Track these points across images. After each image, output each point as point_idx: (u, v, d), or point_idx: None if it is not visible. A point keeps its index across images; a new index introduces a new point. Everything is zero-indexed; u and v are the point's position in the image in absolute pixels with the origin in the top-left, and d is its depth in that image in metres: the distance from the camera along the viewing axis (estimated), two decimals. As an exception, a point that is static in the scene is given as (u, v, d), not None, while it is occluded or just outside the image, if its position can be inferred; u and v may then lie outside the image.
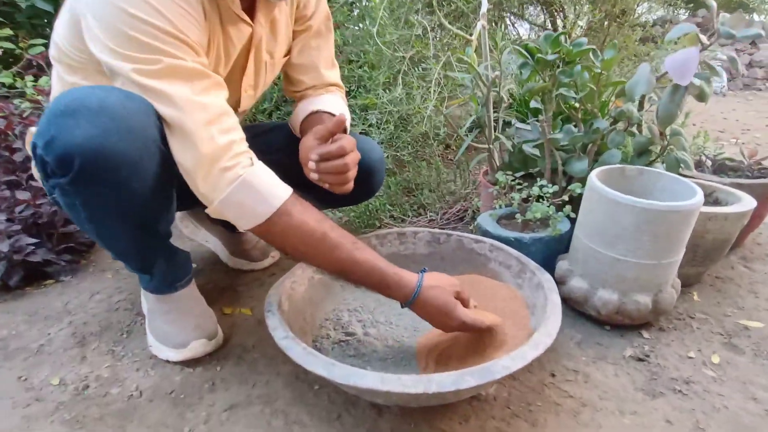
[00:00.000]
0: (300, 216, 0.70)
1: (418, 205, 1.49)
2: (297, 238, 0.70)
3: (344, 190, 0.78)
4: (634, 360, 0.84)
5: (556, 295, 0.77)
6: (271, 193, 0.70)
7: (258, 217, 0.69)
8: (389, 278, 0.72)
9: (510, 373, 0.60)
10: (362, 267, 0.71)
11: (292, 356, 0.65)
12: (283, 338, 0.68)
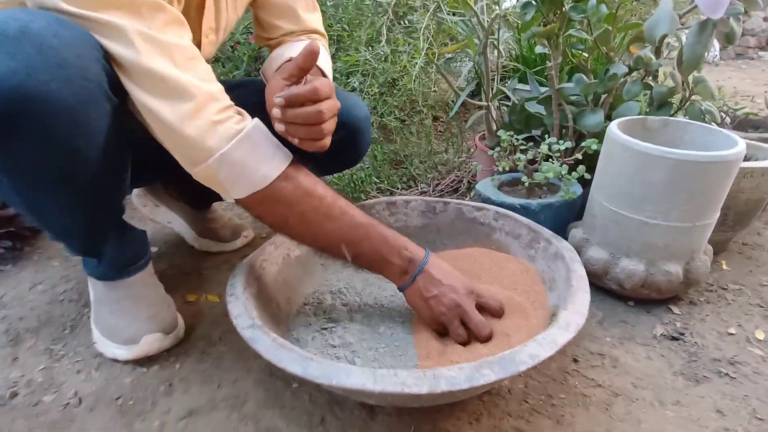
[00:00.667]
0: (307, 180, 0.60)
1: (408, 177, 1.35)
2: (306, 204, 0.60)
3: (318, 147, 0.62)
4: (667, 339, 0.72)
5: (580, 266, 0.65)
6: (276, 153, 0.59)
7: (260, 179, 0.57)
8: (401, 244, 0.63)
9: (539, 362, 0.47)
10: (378, 232, 0.63)
11: (258, 350, 0.51)
12: (248, 327, 0.54)
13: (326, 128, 0.60)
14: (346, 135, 0.84)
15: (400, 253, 0.63)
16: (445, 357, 0.64)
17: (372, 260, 0.63)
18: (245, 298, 0.60)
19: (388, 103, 1.37)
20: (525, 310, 0.68)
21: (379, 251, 0.62)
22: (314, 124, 0.59)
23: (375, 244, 0.62)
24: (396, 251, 0.63)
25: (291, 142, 0.61)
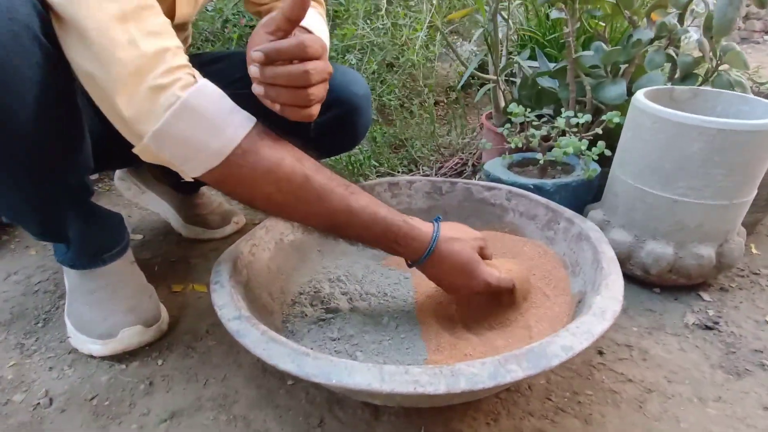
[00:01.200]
0: (271, 153, 0.49)
1: (409, 160, 1.28)
2: (270, 185, 0.49)
3: (304, 116, 0.51)
4: (700, 329, 0.66)
5: (609, 247, 0.58)
6: (228, 121, 0.47)
7: (212, 156, 0.47)
8: (397, 228, 0.54)
9: (573, 355, 0.40)
10: (360, 217, 0.52)
11: (245, 344, 0.44)
12: (234, 319, 0.47)
13: (314, 94, 0.50)
14: (343, 113, 0.76)
15: (391, 243, 0.54)
16: (458, 350, 0.57)
17: (361, 242, 0.56)
18: (231, 287, 0.52)
19: (387, 82, 1.29)
20: (545, 296, 0.61)
21: (365, 239, 0.54)
22: (299, 86, 0.49)
23: (356, 231, 0.53)
24: (387, 239, 0.54)
25: (272, 108, 0.52)
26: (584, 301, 0.54)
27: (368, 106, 0.80)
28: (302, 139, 0.73)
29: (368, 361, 0.56)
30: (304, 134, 0.74)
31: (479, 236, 0.59)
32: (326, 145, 0.79)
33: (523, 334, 0.56)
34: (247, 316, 0.47)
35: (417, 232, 0.55)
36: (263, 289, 0.63)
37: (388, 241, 0.54)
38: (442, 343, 0.59)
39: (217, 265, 0.58)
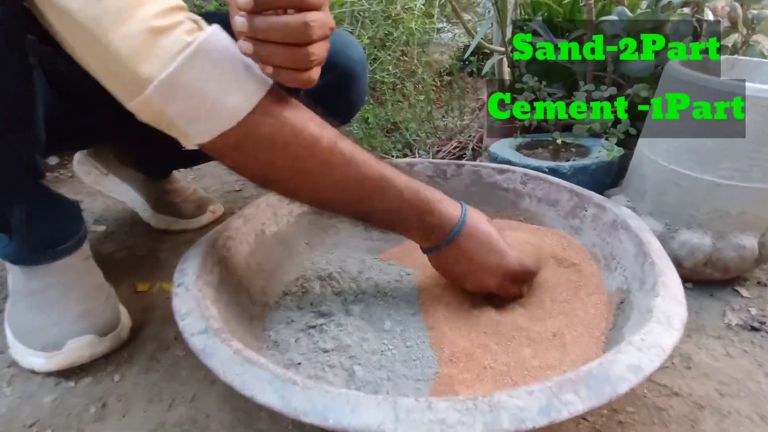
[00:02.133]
0: (295, 114, 0.43)
1: (403, 144, 1.18)
2: (297, 148, 0.43)
3: (303, 81, 0.42)
4: (745, 330, 0.58)
5: (653, 237, 0.49)
6: (248, 75, 0.40)
7: (228, 115, 0.40)
8: (431, 194, 0.50)
9: (644, 379, 0.31)
10: (395, 183, 0.47)
11: (213, 368, 0.34)
12: (199, 333, 0.37)
13: (314, 53, 0.40)
14: (336, 80, 0.66)
15: (423, 218, 0.49)
16: (476, 361, 0.48)
17: (385, 221, 0.50)
18: (199, 290, 0.42)
19: (380, 59, 1.18)
20: (576, 295, 0.52)
21: (395, 213, 0.48)
22: (298, 43, 0.39)
23: (389, 203, 0.48)
24: (418, 214, 0.49)
25: (263, 72, 0.42)
26: (629, 302, 0.45)
27: (364, 73, 0.70)
28: None
29: (369, 376, 0.46)
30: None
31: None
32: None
33: (554, 343, 0.47)
34: (216, 328, 0.36)
35: (448, 201, 0.51)
36: (240, 291, 0.53)
37: (421, 212, 0.48)
38: (456, 352, 0.49)
39: (182, 263, 0.47)
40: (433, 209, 0.49)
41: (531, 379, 0.44)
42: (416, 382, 0.47)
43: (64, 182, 1.10)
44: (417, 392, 0.46)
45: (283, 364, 0.47)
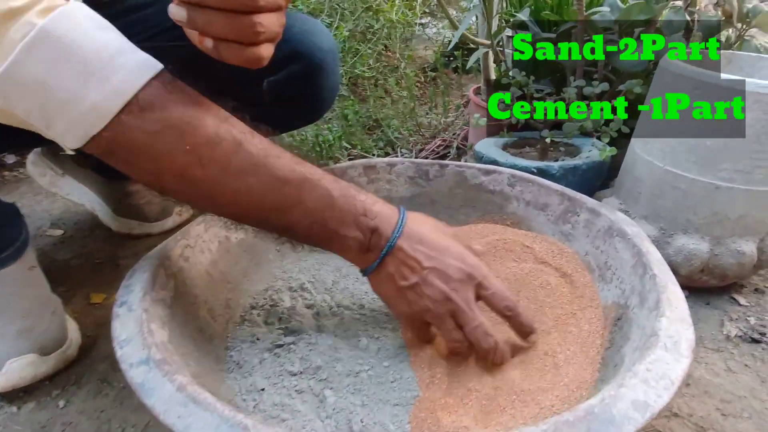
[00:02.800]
0: (184, 111, 0.35)
1: (385, 142, 1.13)
2: (185, 156, 0.35)
3: (248, 58, 0.35)
4: (746, 342, 0.55)
5: (652, 246, 0.45)
6: (117, 64, 0.32)
7: (91, 114, 0.32)
8: (364, 197, 0.42)
9: (653, 417, 0.27)
10: (318, 187, 0.40)
11: (151, 407, 0.29)
12: (139, 364, 0.31)
13: (263, 24, 0.34)
14: (303, 71, 0.60)
15: (358, 221, 0.40)
16: (459, 383, 0.43)
17: (312, 235, 0.41)
18: (144, 310, 0.37)
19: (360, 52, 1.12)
20: (568, 310, 0.48)
21: (322, 221, 0.40)
22: (242, 10, 0.33)
23: (315, 211, 0.40)
24: (350, 218, 0.40)
25: (200, 46, 0.36)
26: (628, 319, 0.41)
27: (335, 64, 0.65)
28: (252, 105, 0.57)
29: (341, 402, 0.41)
30: (254, 99, 0.58)
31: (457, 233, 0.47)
32: (283, 114, 0.64)
33: (545, 363, 0.43)
34: (158, 359, 0.31)
35: (382, 202, 0.43)
36: (200, 306, 0.47)
37: (355, 214, 0.40)
38: (438, 373, 0.45)
39: (129, 277, 0.42)
40: (368, 210, 0.41)
41: (520, 404, 0.40)
42: (394, 408, 0.42)
43: (23, 182, 1.02)
44: (394, 419, 0.41)
45: (245, 390, 0.42)
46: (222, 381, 0.42)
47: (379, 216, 0.41)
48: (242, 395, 0.41)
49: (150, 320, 0.36)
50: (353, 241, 0.41)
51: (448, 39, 1.57)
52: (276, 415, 0.40)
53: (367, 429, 0.40)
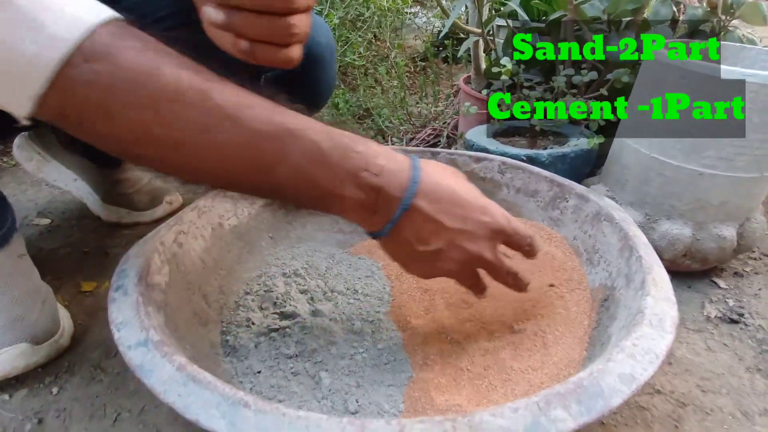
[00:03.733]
0: (138, 59, 0.30)
1: (376, 131, 1.13)
2: (142, 110, 0.30)
3: (281, 58, 0.37)
4: (725, 322, 0.57)
5: (639, 230, 0.46)
6: (57, 10, 0.28)
7: (32, 71, 0.28)
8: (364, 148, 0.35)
9: (638, 389, 0.28)
10: (304, 138, 0.33)
11: (151, 387, 0.29)
12: (138, 346, 0.31)
13: (297, 25, 0.35)
14: (301, 66, 0.61)
15: (357, 179, 0.34)
16: (452, 364, 0.45)
17: (302, 197, 0.35)
18: (140, 295, 0.37)
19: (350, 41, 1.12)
20: (556, 292, 0.49)
21: (312, 180, 0.33)
22: (278, 12, 0.33)
23: (300, 166, 0.33)
24: (346, 175, 0.34)
25: (230, 50, 0.36)
26: (614, 300, 0.42)
27: (332, 58, 0.65)
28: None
29: (337, 384, 0.42)
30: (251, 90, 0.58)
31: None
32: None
33: (535, 343, 0.44)
34: (156, 340, 0.31)
35: (389, 152, 0.36)
36: (194, 291, 0.47)
37: (353, 170, 0.34)
38: (431, 354, 0.46)
39: (123, 262, 0.42)
40: (371, 164, 0.34)
41: (511, 383, 0.41)
42: (388, 388, 0.43)
43: (6, 171, 1.00)
44: (389, 399, 0.42)
45: (241, 373, 0.42)
46: (218, 364, 0.42)
47: (385, 172, 0.35)
48: (239, 378, 0.42)
49: (146, 304, 0.36)
50: (353, 202, 0.35)
51: (438, 28, 1.57)
52: (272, 397, 0.40)
53: (363, 409, 0.41)
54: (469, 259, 0.39)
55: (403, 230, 0.37)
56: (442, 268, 0.39)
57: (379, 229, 0.37)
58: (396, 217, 0.36)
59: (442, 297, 0.53)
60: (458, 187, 0.38)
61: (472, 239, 0.38)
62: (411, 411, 0.41)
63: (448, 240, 0.37)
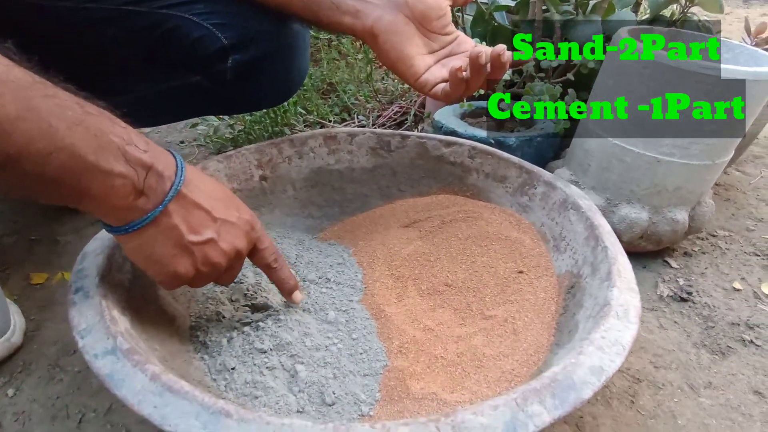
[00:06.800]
0: None
1: (341, 107, 1.10)
2: None
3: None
4: (675, 301, 0.61)
5: (603, 219, 0.48)
6: None
7: None
8: (122, 131, 0.31)
9: (608, 380, 0.30)
10: (42, 111, 0.27)
11: (124, 399, 0.28)
12: (106, 354, 0.30)
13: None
14: (271, 51, 0.57)
15: (125, 152, 0.30)
16: (426, 351, 0.46)
17: (53, 175, 0.28)
18: (103, 296, 0.35)
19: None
20: (524, 278, 0.51)
21: (70, 147, 0.27)
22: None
23: (49, 130, 0.27)
24: (111, 145, 0.29)
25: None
26: (581, 288, 0.44)
27: (305, 46, 0.62)
28: (214, 83, 0.54)
29: (313, 376, 0.42)
30: (216, 76, 0.55)
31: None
32: (248, 94, 0.61)
33: (505, 329, 0.46)
34: (126, 348, 0.30)
35: (143, 135, 0.33)
36: (160, 286, 0.45)
37: (116, 143, 0.29)
38: (406, 342, 0.47)
39: (81, 260, 0.39)
40: (133, 138, 0.31)
41: (484, 369, 0.43)
42: (364, 378, 0.44)
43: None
44: (365, 389, 0.42)
45: (215, 371, 0.41)
46: (190, 362, 0.41)
47: (152, 150, 0.32)
48: (212, 375, 0.41)
49: (110, 307, 0.34)
50: (121, 181, 0.30)
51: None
52: (248, 393, 0.40)
53: (340, 400, 0.41)
54: (233, 253, 0.37)
55: (172, 216, 0.33)
56: (208, 261, 0.36)
57: (141, 216, 0.32)
58: (168, 199, 0.32)
59: (414, 284, 0.53)
60: (211, 181, 0.38)
61: (234, 231, 0.37)
62: (387, 400, 0.42)
63: (217, 229, 0.36)
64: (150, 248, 0.34)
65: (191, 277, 0.36)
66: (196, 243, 0.35)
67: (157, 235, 0.33)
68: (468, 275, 0.53)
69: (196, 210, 0.34)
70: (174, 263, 0.34)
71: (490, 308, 0.49)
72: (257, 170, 0.61)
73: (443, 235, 0.58)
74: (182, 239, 0.34)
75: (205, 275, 0.37)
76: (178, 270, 0.35)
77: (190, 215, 0.34)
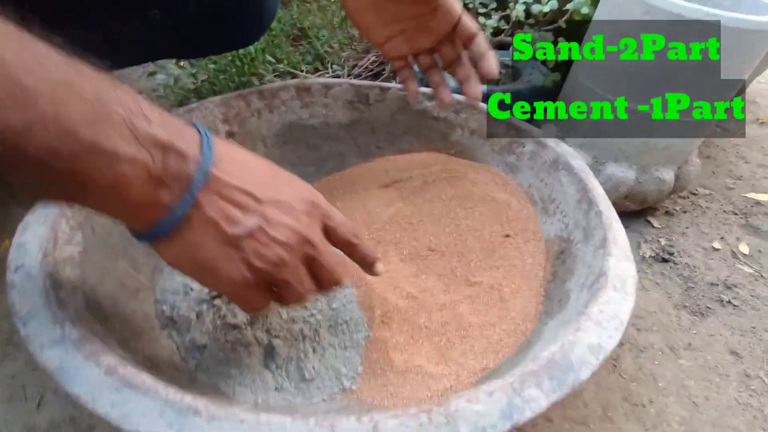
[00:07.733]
0: None
1: (314, 56, 1.02)
2: None
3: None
4: (657, 262, 0.60)
5: (595, 179, 0.46)
6: None
7: None
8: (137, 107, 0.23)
9: (606, 358, 0.28)
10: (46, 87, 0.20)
11: (77, 397, 0.25)
12: (51, 346, 0.26)
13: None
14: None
15: (134, 127, 0.23)
16: (410, 321, 0.44)
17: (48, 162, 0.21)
18: (47, 276, 0.31)
19: (282, -55, 0.96)
20: (511, 242, 0.49)
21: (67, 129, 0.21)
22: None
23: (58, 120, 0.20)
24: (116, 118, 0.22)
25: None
26: (571, 254, 0.42)
27: None
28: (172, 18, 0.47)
29: (291, 351, 0.40)
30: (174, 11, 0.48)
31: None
32: (212, 34, 0.54)
33: (492, 297, 0.44)
34: (76, 338, 0.26)
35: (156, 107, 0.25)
36: (119, 257, 0.41)
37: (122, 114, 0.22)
38: (388, 311, 0.45)
39: (21, 233, 0.34)
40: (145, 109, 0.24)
41: (470, 339, 0.41)
42: (345, 351, 0.42)
43: None
44: (347, 362, 0.41)
45: (183, 349, 0.38)
46: (156, 340, 0.38)
47: (166, 122, 0.25)
48: (181, 354, 0.38)
49: (57, 287, 0.30)
50: (130, 167, 0.23)
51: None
52: (222, 372, 0.37)
53: (320, 375, 0.39)
54: (293, 239, 0.28)
55: (205, 208, 0.26)
56: (264, 257, 0.27)
57: (165, 215, 0.25)
58: (196, 187, 0.25)
59: (395, 249, 0.51)
60: (251, 153, 0.30)
61: (289, 211, 0.28)
62: (370, 373, 0.40)
63: (264, 214, 0.27)
64: (191, 254, 0.27)
65: (255, 282, 0.28)
66: (238, 237, 0.26)
67: (193, 237, 0.26)
68: (452, 239, 0.51)
69: (234, 194, 0.27)
70: (223, 268, 0.27)
71: (476, 274, 0.47)
72: (223, 125, 0.56)
73: (426, 196, 0.55)
74: (224, 235, 0.26)
75: (275, 278, 0.28)
76: (231, 276, 0.27)
77: (227, 202, 0.26)
